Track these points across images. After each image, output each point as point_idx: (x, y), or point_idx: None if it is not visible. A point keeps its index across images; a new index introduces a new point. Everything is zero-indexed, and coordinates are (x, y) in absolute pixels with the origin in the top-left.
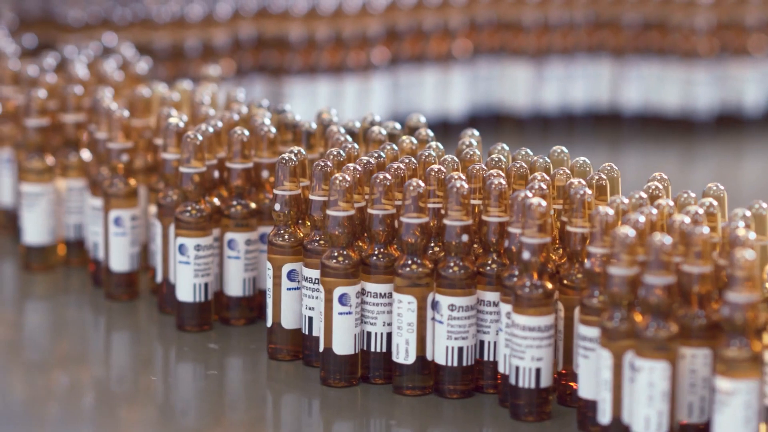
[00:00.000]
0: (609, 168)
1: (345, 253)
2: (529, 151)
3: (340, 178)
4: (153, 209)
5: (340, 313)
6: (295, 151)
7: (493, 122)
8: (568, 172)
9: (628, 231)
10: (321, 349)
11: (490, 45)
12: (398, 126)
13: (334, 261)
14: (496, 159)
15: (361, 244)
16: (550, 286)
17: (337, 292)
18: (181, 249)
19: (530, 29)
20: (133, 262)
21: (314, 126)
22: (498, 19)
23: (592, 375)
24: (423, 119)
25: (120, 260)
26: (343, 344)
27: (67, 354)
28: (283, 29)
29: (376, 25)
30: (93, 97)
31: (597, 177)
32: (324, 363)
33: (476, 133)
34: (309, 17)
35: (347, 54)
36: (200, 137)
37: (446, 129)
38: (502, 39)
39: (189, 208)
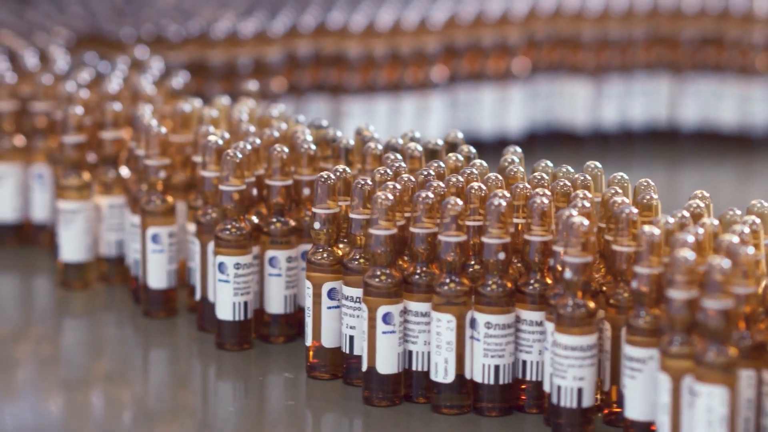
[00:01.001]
0: (645, 183)
1: (388, 272)
2: (569, 168)
3: (383, 197)
4: (191, 227)
5: (384, 333)
6: (340, 170)
7: (552, 140)
8: (619, 191)
9: (687, 254)
10: (364, 368)
11: (549, 62)
12: (440, 142)
13: (377, 280)
14: (538, 177)
15: (401, 262)
16: (592, 305)
17: (381, 311)
18: (221, 267)
19: (589, 46)
20: (171, 279)
21: (352, 142)
22: (556, 35)
23: (640, 395)
24: (460, 135)
25: (157, 277)
26: (386, 363)
27: (105, 371)
28: (341, 47)
29: (434, 42)
30: (133, 113)
31: (648, 197)
32: (367, 382)
33: (518, 150)
34: (367, 34)
35: (405, 71)
36: (240, 155)
37: (504, 147)
38: (561, 56)
39: (229, 226)
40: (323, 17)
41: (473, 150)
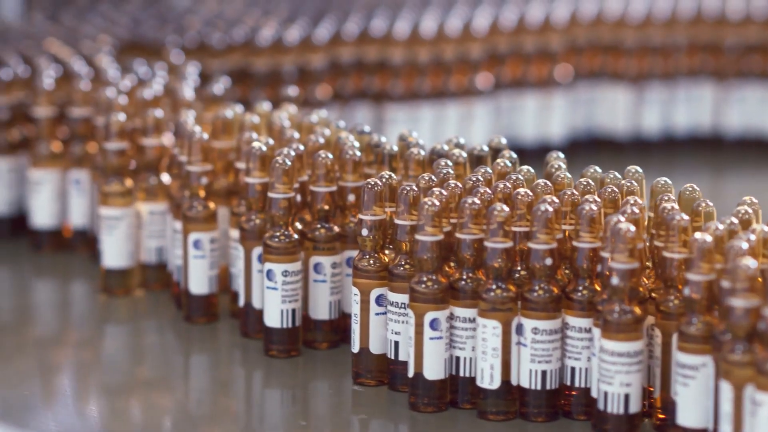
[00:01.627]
0: (690, 189)
1: (434, 278)
2: (617, 174)
3: (429, 203)
4: (234, 233)
5: (431, 338)
6: (386, 176)
7: (593, 146)
8: (673, 197)
9: (748, 262)
10: (411, 374)
11: (590, 68)
12: (485, 148)
13: (423, 286)
14: (585, 183)
15: (447, 268)
16: (639, 311)
17: (428, 317)
18: (269, 275)
19: (631, 52)
20: (212, 285)
21: (395, 148)
22: (598, 41)
23: (692, 402)
24: (504, 140)
25: (199, 283)
26: (433, 369)
27: (146, 377)
28: (385, 53)
29: (477, 48)
30: (175, 119)
31: (704, 204)
32: (413, 388)
33: (561, 155)
34: (410, 41)
35: (449, 78)
36: (288, 162)
37: (547, 154)
38: (603, 62)
39: (277, 233)
40: (366, 24)
41: (514, 155)
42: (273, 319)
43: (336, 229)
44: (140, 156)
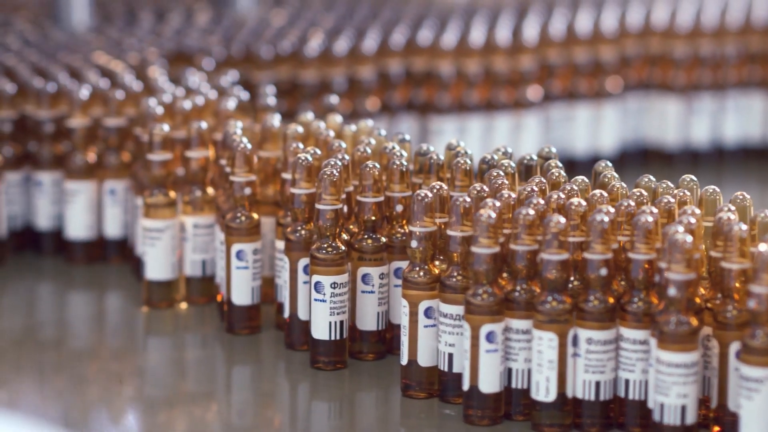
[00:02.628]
0: (741, 197)
1: (490, 290)
2: (669, 183)
3: (485, 215)
4: (279, 244)
5: (488, 351)
6: (437, 187)
7: (642, 158)
8: (732, 208)
9: None
10: (466, 387)
11: (640, 79)
12: (534, 157)
13: (479, 298)
14: (639, 194)
15: (499, 279)
16: (695, 322)
17: (484, 329)
18: (317, 287)
19: (680, 63)
20: (255, 296)
21: (442, 157)
22: (647, 53)
23: (756, 415)
24: (554, 149)
25: (242, 294)
26: (489, 382)
27: (189, 389)
28: (433, 65)
29: (527, 60)
30: (221, 130)
31: (763, 215)
32: (469, 401)
33: (609, 164)
34: (459, 52)
35: (499, 90)
36: (336, 173)
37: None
38: (652, 73)
39: (325, 245)
40: (414, 34)
41: (560, 165)
42: (321, 331)
43: (383, 239)
44: (185, 168)
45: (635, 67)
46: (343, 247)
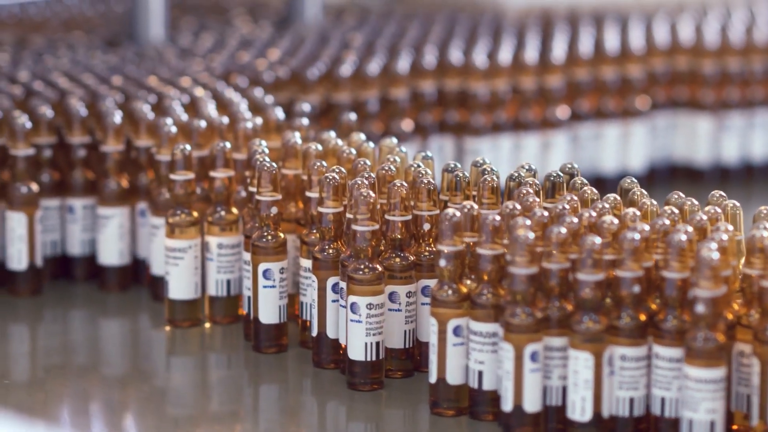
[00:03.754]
0: (765, 211)
1: (529, 310)
2: (694, 200)
3: (523, 236)
4: (305, 262)
5: (532, 371)
6: (467, 207)
7: (672, 176)
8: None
9: None
10: (508, 407)
11: (669, 97)
12: (561, 174)
13: (518, 318)
14: (670, 211)
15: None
16: (723, 338)
17: (529, 350)
18: (353, 308)
19: (709, 81)
20: (282, 314)
21: (467, 174)
22: (675, 70)
23: None
24: (576, 165)
25: (269, 313)
26: (533, 401)
27: (214, 409)
28: (465, 85)
29: (556, 79)
30: (249, 149)
31: None
32: (510, 419)
33: (634, 180)
34: (490, 72)
35: (528, 109)
36: (372, 195)
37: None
38: (680, 91)
39: (362, 266)
40: (444, 55)
41: (585, 181)
42: (357, 352)
43: (411, 258)
44: (210, 188)
45: (663, 85)
46: (379, 268)
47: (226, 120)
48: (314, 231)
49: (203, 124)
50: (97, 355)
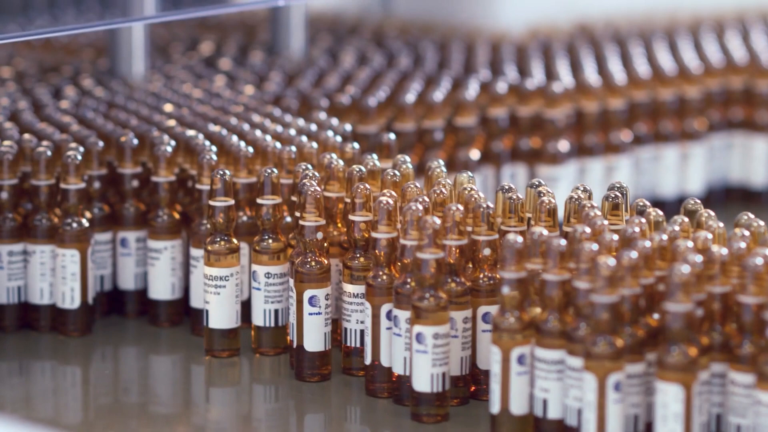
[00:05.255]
0: None
1: (611, 339)
2: (760, 222)
3: (605, 264)
4: (350, 287)
5: (615, 402)
6: (536, 234)
7: (728, 198)
8: None
9: None
10: None
11: (725, 119)
12: (619, 195)
13: (599, 348)
14: (740, 234)
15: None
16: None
17: (612, 379)
18: (419, 338)
19: (766, 100)
20: (327, 341)
21: (522, 197)
22: (730, 90)
23: None
24: (625, 184)
25: (314, 340)
26: (617, 430)
27: None
28: (540, 110)
29: (617, 102)
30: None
31: None
32: None
33: (698, 201)
34: (566, 96)
35: (593, 133)
36: (438, 222)
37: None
38: (736, 112)
39: (427, 295)
40: (519, 80)
41: (647, 203)
42: (422, 383)
43: (467, 283)
44: (256, 215)
45: (718, 105)
46: (444, 296)
47: (313, 145)
48: (358, 255)
49: (290, 150)
50: (146, 392)
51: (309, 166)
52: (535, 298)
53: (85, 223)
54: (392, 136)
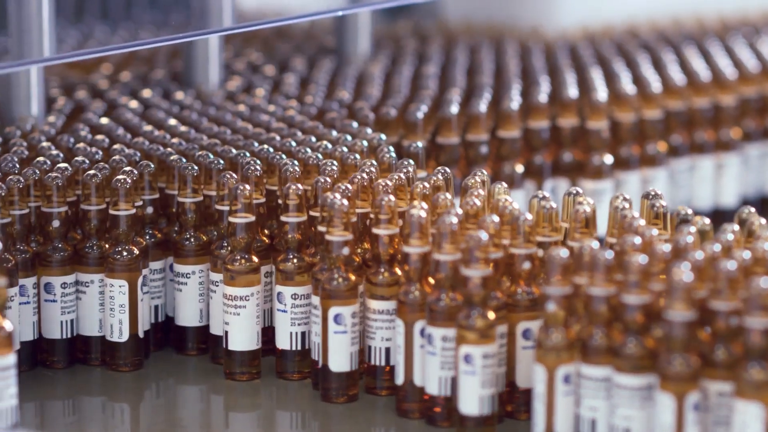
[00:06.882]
0: None
1: (687, 357)
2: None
3: (680, 278)
4: (375, 303)
5: (695, 422)
6: (586, 248)
7: (764, 208)
8: None
9: None
10: None
11: (761, 127)
12: (664, 204)
13: (675, 368)
14: None
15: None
16: None
17: (691, 399)
18: (467, 359)
19: None
20: (354, 361)
21: (555, 205)
22: (764, 98)
23: None
24: (659, 191)
25: (340, 360)
26: None
27: None
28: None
29: (653, 112)
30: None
31: None
32: None
33: (753, 210)
34: (607, 107)
35: (629, 145)
36: (484, 237)
37: (720, 218)
38: None
39: (474, 313)
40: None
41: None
42: (470, 406)
43: (502, 297)
44: (280, 233)
45: (753, 113)
46: (492, 315)
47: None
48: (383, 270)
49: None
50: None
51: (339, 179)
52: (580, 314)
53: (136, 251)
54: (419, 144)
